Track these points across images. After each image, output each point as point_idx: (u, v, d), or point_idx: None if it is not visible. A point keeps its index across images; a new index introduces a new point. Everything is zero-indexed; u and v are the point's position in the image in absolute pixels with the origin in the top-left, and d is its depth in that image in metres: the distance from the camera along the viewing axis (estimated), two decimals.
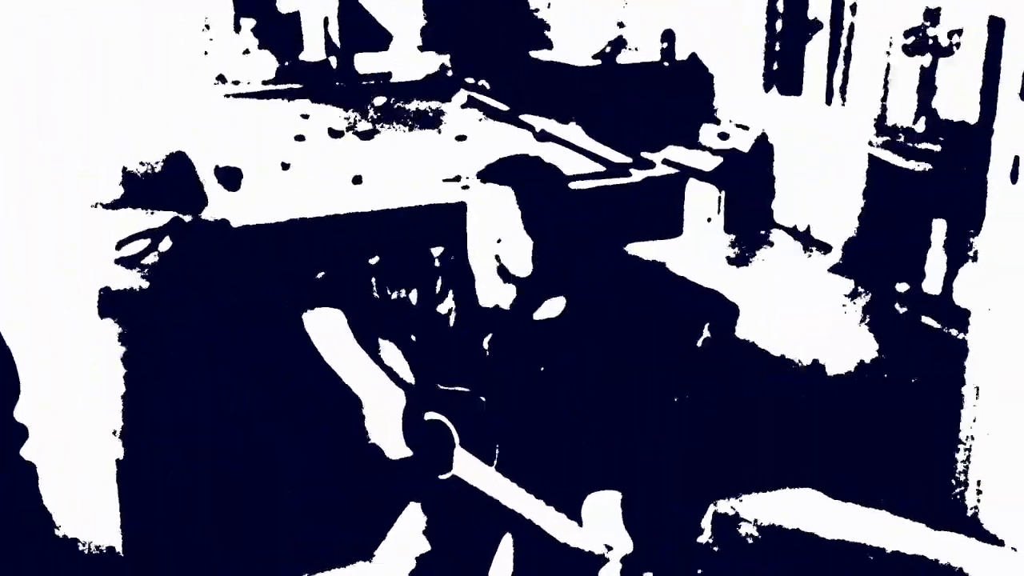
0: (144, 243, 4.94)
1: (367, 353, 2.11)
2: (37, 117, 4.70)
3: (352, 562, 2.28)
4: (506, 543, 2.03)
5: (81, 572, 2.45)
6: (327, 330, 2.12)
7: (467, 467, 2.01)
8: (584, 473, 2.03)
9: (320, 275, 2.17)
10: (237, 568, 2.50)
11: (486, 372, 2.09)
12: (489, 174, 2.05)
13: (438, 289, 2.14)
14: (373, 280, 2.15)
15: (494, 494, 1.98)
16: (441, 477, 2.05)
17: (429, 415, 2.07)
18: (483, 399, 2.00)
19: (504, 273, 2.00)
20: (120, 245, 4.99)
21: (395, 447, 2.05)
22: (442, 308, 2.14)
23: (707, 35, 5.81)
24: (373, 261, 2.18)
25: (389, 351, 2.15)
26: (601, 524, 1.98)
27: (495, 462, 1.99)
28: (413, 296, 2.14)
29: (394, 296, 2.15)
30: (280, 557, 2.48)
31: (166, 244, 4.96)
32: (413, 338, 2.12)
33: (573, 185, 2.35)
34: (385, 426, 2.04)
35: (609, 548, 1.92)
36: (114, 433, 3.07)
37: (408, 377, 2.11)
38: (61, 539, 2.53)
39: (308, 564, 2.39)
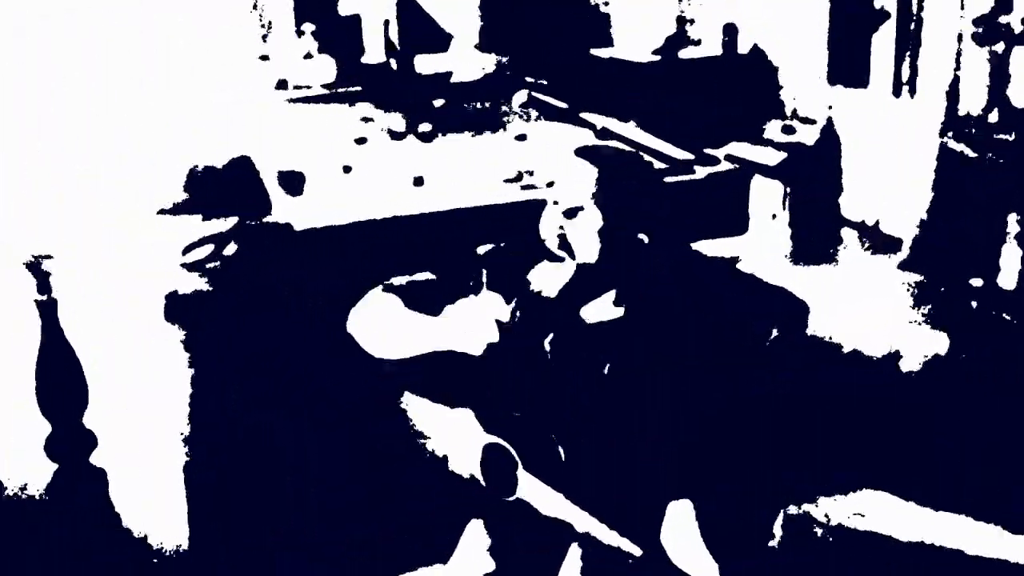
0: (209, 248, 5.00)
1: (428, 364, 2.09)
2: (104, 121, 4.78)
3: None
4: (572, 557, 2.00)
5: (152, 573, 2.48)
6: (379, 335, 2.11)
7: (532, 490, 1.98)
8: (653, 480, 1.99)
9: (390, 282, 2.15)
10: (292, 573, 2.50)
11: (548, 377, 2.05)
12: (584, 154, 2.03)
13: (486, 288, 2.11)
14: (432, 282, 2.13)
15: (558, 515, 1.96)
16: (507, 499, 2.02)
17: (492, 439, 2.05)
18: (552, 432, 1.98)
19: (566, 248, 1.95)
20: (186, 250, 5.06)
21: (467, 467, 2.03)
22: (501, 311, 2.11)
23: (770, 28, 5.73)
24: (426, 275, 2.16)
25: (444, 363, 2.12)
26: (680, 543, 1.94)
27: (559, 472, 1.96)
28: (472, 301, 2.12)
29: (455, 301, 2.13)
30: (341, 568, 2.47)
31: (231, 249, 5.01)
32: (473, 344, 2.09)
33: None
34: (459, 445, 2.02)
35: None
36: (181, 437, 3.10)
37: (468, 393, 2.09)
38: (132, 542, 2.55)
39: None
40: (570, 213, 1.96)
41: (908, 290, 4.20)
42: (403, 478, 2.12)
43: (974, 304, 3.96)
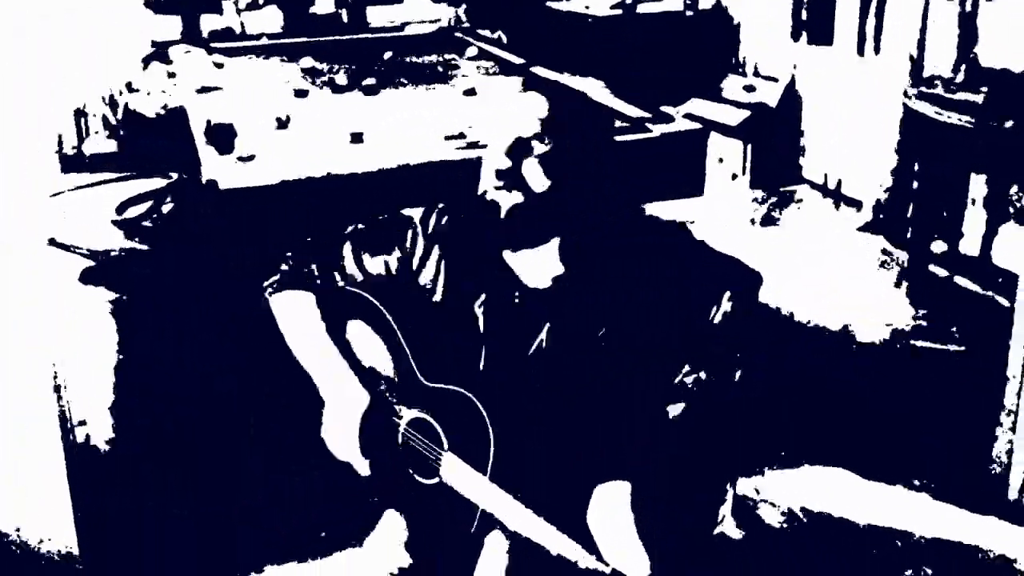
0: (146, 205, 4.79)
1: (342, 339, 1.92)
2: (30, 75, 4.53)
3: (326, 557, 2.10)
4: (493, 545, 1.83)
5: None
6: (293, 314, 1.92)
7: (456, 472, 1.81)
8: (590, 461, 1.82)
9: (288, 257, 1.96)
10: (199, 561, 2.32)
11: (478, 349, 1.88)
12: (531, 85, 1.83)
13: (419, 255, 1.93)
14: (350, 250, 1.94)
15: (484, 504, 1.78)
16: (426, 482, 1.86)
17: (414, 413, 1.88)
18: (469, 395, 1.79)
19: (512, 179, 1.76)
20: (121, 208, 4.84)
21: (350, 452, 1.86)
22: (424, 278, 1.92)
23: None
24: (349, 229, 1.97)
25: (366, 336, 1.94)
26: (611, 531, 1.77)
27: (490, 457, 1.78)
28: (393, 265, 1.93)
29: (374, 269, 1.94)
30: (245, 548, 2.30)
31: (168, 207, 4.80)
32: (391, 317, 1.90)
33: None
34: (344, 427, 1.85)
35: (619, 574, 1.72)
36: (106, 410, 2.92)
37: (388, 366, 1.91)
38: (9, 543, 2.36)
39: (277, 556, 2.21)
40: (520, 145, 1.76)
41: (869, 254, 4.09)
42: (319, 455, 1.94)
43: (936, 270, 3.85)
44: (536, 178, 1.73)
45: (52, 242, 3.72)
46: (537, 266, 1.84)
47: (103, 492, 2.47)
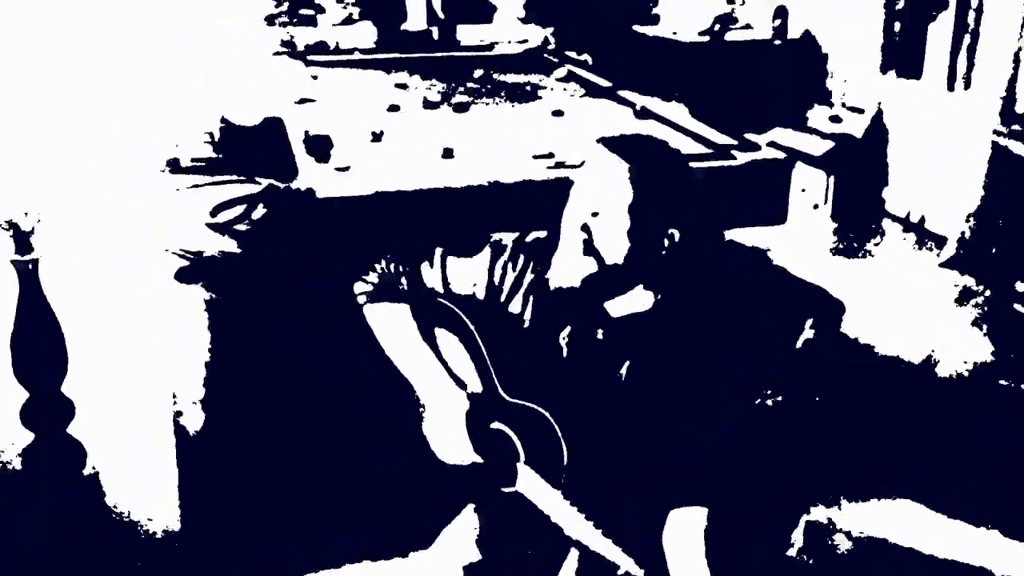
0: (239, 209, 4.94)
1: (431, 349, 1.99)
2: (133, 81, 4.72)
3: (400, 555, 2.18)
4: (569, 565, 1.89)
5: (137, 552, 2.40)
6: (390, 323, 2.01)
7: (531, 485, 1.88)
8: (669, 484, 1.87)
9: (381, 267, 2.05)
10: (281, 552, 2.42)
11: (562, 374, 1.94)
12: (611, 145, 1.90)
13: (510, 278, 2.00)
14: (439, 269, 2.02)
15: (556, 518, 1.85)
16: (504, 490, 1.92)
17: (496, 425, 1.95)
18: (550, 417, 1.87)
19: (590, 250, 1.83)
20: (215, 211, 5.00)
21: (455, 452, 1.93)
22: (515, 304, 1.99)
23: (822, 12, 5.57)
24: (439, 251, 2.05)
25: (453, 348, 2.02)
26: (683, 555, 1.82)
27: (563, 476, 1.85)
28: (481, 286, 2.00)
29: (461, 290, 2.02)
30: (325, 545, 2.39)
31: (259, 212, 4.95)
32: (479, 335, 1.98)
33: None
34: (446, 430, 1.93)
35: None
36: (196, 403, 3.03)
37: (473, 379, 1.98)
38: (116, 520, 2.48)
39: (352, 555, 2.29)
40: (596, 214, 1.83)
41: (950, 291, 4.07)
42: (401, 459, 2.02)
43: (1019, 308, 3.82)
44: (613, 248, 1.80)
45: (162, 246, 3.86)
46: (624, 303, 1.90)
47: (197, 478, 2.58)
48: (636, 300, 1.91)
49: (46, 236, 2.71)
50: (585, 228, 1.82)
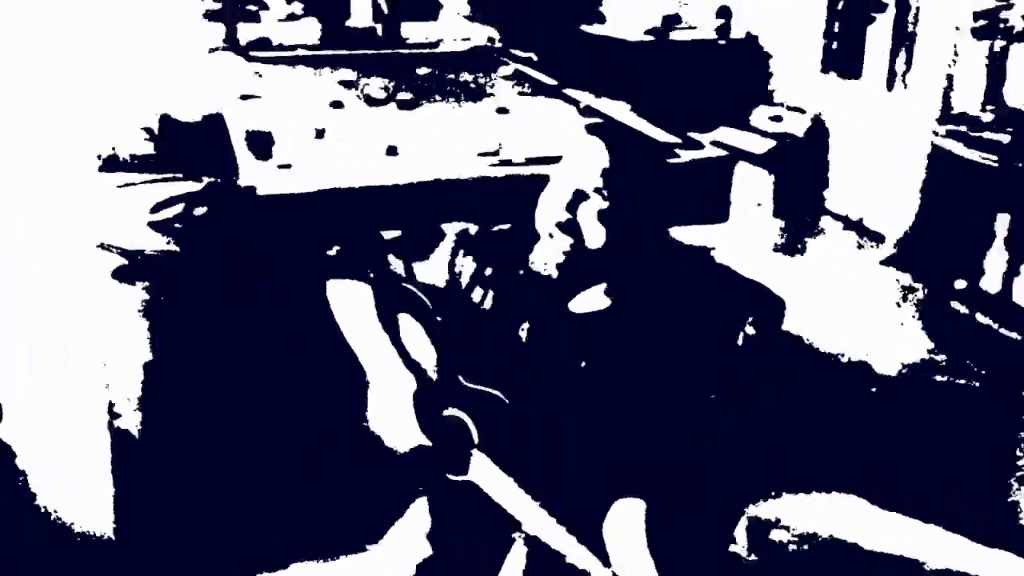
0: (179, 208, 4.87)
1: (393, 334, 1.98)
2: (69, 76, 4.63)
3: (350, 551, 2.15)
4: (516, 554, 1.88)
5: (70, 556, 2.35)
6: (350, 301, 1.99)
7: (483, 472, 1.87)
8: (611, 476, 1.88)
9: (335, 249, 2.03)
10: (226, 553, 2.38)
11: (519, 364, 1.94)
12: (596, 134, 1.89)
13: (467, 269, 2.00)
14: (393, 257, 2.01)
15: (508, 506, 1.84)
16: (454, 479, 1.91)
17: (450, 411, 1.94)
18: (506, 400, 1.86)
19: (573, 233, 1.83)
20: (155, 209, 4.92)
21: (401, 435, 1.92)
22: (476, 294, 1.99)
23: (765, 13, 5.62)
24: (391, 236, 2.04)
25: (415, 333, 2.01)
26: (624, 544, 1.83)
27: (514, 462, 1.85)
28: (438, 275, 2.00)
29: (418, 275, 2.01)
30: (273, 543, 2.36)
31: (200, 210, 4.88)
32: (440, 322, 1.97)
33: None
34: (392, 414, 1.91)
35: None
36: (132, 404, 2.98)
37: (430, 364, 1.97)
38: (48, 525, 2.42)
39: (300, 552, 2.26)
40: (579, 196, 1.83)
41: (889, 288, 4.12)
42: (349, 454, 2.00)
43: (957, 306, 3.88)
44: (594, 233, 1.79)
45: (97, 243, 3.80)
46: (584, 300, 1.90)
47: (133, 480, 2.53)
48: (596, 298, 1.92)
49: None
50: (561, 222, 1.82)
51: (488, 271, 2.00)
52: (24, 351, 2.89)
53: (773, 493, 2.76)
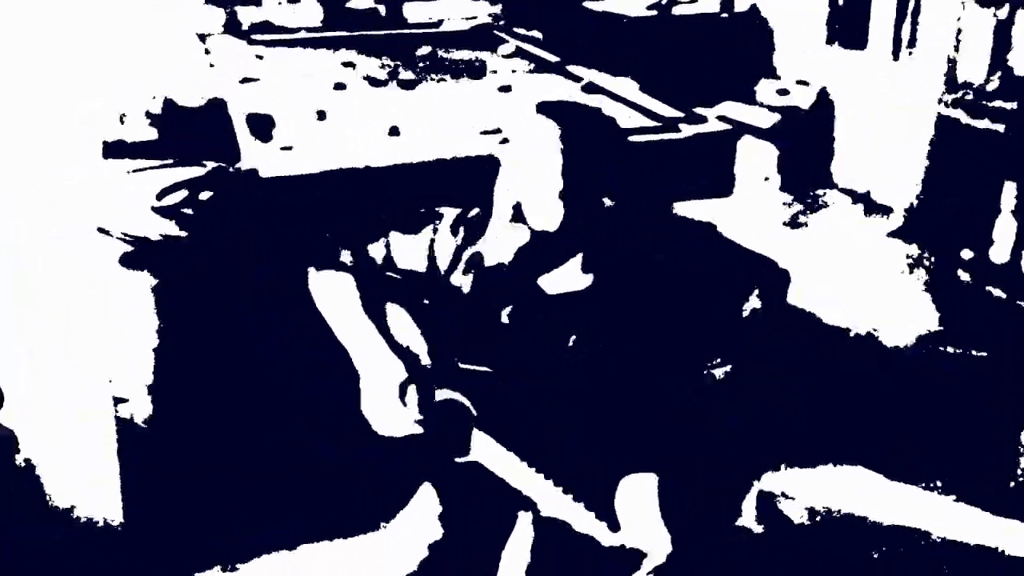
0: (184, 193, 4.87)
1: (380, 323, 1.98)
2: (72, 63, 4.62)
3: (357, 533, 2.15)
4: (523, 526, 1.88)
5: (77, 542, 2.35)
6: (332, 293, 1.99)
7: (486, 451, 1.87)
8: (618, 453, 1.87)
9: (327, 237, 2.02)
10: (229, 538, 2.38)
11: (506, 344, 1.93)
12: (546, 112, 1.88)
13: (450, 252, 1.99)
14: (384, 241, 2.00)
15: (515, 482, 1.84)
16: (458, 460, 1.91)
17: (446, 394, 1.94)
18: (504, 377, 1.85)
19: (520, 219, 1.83)
20: (161, 196, 4.92)
21: (394, 423, 1.92)
22: (456, 277, 1.98)
23: None
24: (376, 222, 2.03)
25: (399, 320, 2.00)
26: (636, 516, 1.83)
27: (518, 443, 1.84)
28: (424, 260, 1.99)
29: (406, 261, 2.00)
30: (278, 526, 2.36)
31: (205, 195, 4.88)
32: (426, 305, 1.96)
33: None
34: (385, 401, 1.91)
35: (643, 555, 1.78)
36: (140, 390, 2.98)
37: (421, 349, 1.97)
38: (54, 513, 2.42)
39: (308, 535, 2.27)
40: (528, 177, 1.82)
41: (897, 260, 4.10)
42: (353, 438, 2.00)
43: (964, 276, 3.86)
44: (550, 213, 1.79)
45: (99, 229, 3.80)
46: (563, 278, 1.89)
47: (143, 464, 2.54)
48: (572, 276, 1.91)
49: None
50: (518, 204, 1.81)
51: (467, 254, 1.99)
52: (28, 339, 2.89)
53: (782, 465, 2.76)
